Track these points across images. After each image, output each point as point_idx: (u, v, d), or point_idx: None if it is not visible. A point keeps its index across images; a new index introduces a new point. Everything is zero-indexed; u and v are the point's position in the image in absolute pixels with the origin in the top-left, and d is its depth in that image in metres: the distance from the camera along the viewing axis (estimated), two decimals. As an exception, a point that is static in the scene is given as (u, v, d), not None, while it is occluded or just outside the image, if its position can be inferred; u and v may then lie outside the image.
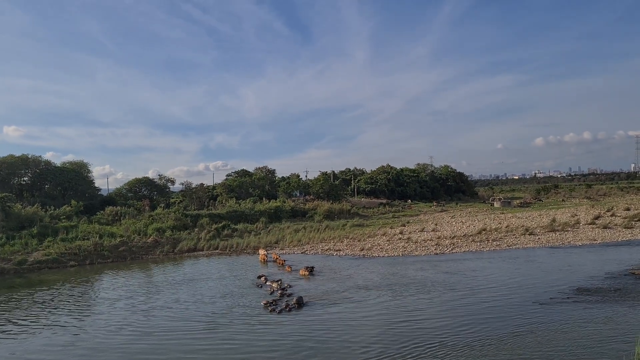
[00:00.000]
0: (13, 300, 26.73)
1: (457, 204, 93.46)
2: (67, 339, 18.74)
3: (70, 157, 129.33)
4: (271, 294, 24.65)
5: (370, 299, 23.17)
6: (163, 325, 20.14)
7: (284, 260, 35.19)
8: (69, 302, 25.54)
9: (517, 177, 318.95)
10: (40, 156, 69.33)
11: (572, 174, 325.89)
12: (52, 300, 25.95)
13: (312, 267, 30.77)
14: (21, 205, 52.36)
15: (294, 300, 21.92)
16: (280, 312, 20.79)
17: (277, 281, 27.00)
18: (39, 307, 24.54)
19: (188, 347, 16.88)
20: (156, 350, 16.80)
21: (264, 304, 22.32)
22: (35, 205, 52.51)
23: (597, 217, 54.32)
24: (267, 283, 27.34)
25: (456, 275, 28.39)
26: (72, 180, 68.58)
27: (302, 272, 29.99)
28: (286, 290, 25.23)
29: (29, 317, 22.54)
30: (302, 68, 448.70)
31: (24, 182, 68.46)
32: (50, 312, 23.42)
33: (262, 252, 38.92)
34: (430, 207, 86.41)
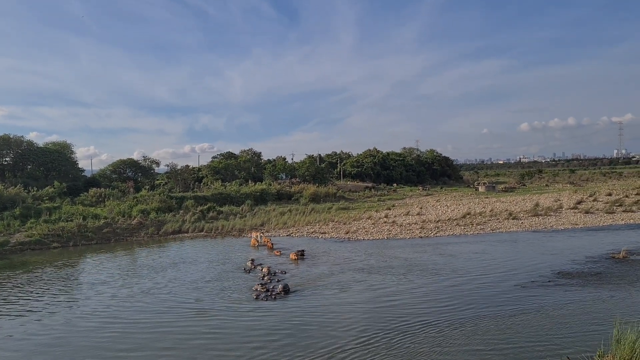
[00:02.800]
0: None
1: (441, 188, 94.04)
2: (45, 324, 18.45)
3: (54, 138, 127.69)
4: (262, 279, 24.17)
5: (356, 283, 23.27)
6: (147, 310, 19.80)
7: (273, 244, 34.87)
8: (50, 285, 25.21)
9: (502, 162, 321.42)
10: (22, 136, 68.24)
11: (556, 159, 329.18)
12: (33, 283, 25.62)
13: (303, 251, 30.58)
14: (3, 185, 51.58)
15: (280, 287, 21.57)
16: (266, 299, 20.49)
17: (267, 266, 26.59)
18: (19, 290, 24.27)
19: (172, 334, 16.59)
20: (137, 339, 16.54)
21: (255, 289, 21.99)
22: (17, 186, 51.74)
23: (579, 202, 55.03)
24: (257, 268, 26.92)
25: (440, 258, 28.64)
26: (55, 161, 67.63)
27: (292, 256, 29.71)
28: (275, 275, 24.98)
29: (6, 301, 22.27)
30: (289, 51, 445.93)
31: (5, 163, 67.34)
32: (29, 295, 23.09)
33: (254, 234, 38.41)
34: (416, 190, 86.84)
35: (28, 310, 20.23)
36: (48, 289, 24.21)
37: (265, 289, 21.67)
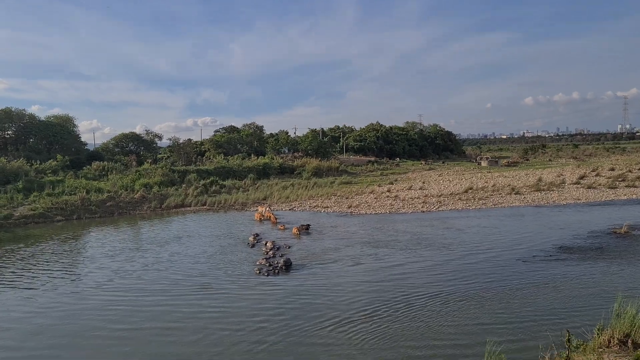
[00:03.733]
0: None
1: (443, 162, 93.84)
2: (48, 298, 18.45)
3: (56, 111, 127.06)
4: (266, 253, 23.91)
5: (361, 257, 23.34)
6: (150, 286, 19.68)
7: (277, 218, 34.76)
8: (54, 259, 25.33)
9: (505, 137, 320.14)
10: (24, 109, 67.98)
11: (560, 134, 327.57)
12: (37, 257, 25.76)
13: (308, 225, 30.45)
14: (5, 159, 51.65)
15: (282, 262, 21.44)
16: (267, 274, 20.29)
17: (271, 241, 26.35)
18: (24, 263, 24.44)
19: (175, 311, 16.43)
20: (140, 316, 16.40)
21: (258, 264, 21.89)
22: (20, 160, 51.81)
23: (582, 177, 54.91)
24: (261, 242, 26.74)
25: (442, 233, 28.72)
26: (58, 135, 67.49)
27: (294, 230, 29.53)
28: (279, 250, 24.77)
29: (11, 275, 22.40)
30: (291, 23, 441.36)
31: (7, 136, 67.25)
32: (33, 269, 23.18)
33: (260, 209, 38.08)
34: (419, 165, 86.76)
35: (32, 285, 20.30)
36: (52, 262, 24.35)
37: (268, 264, 21.56)
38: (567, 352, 8.62)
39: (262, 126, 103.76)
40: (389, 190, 49.50)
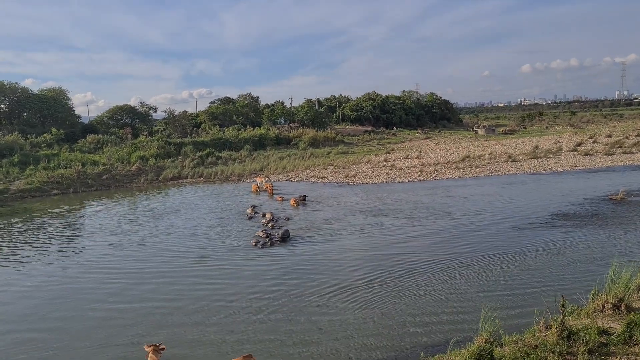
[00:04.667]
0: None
1: (440, 131, 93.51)
2: (47, 273, 18.42)
3: (50, 84, 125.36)
4: (265, 225, 23.73)
5: (358, 227, 23.46)
6: (148, 259, 19.59)
7: (274, 190, 34.61)
8: (51, 232, 25.35)
9: (502, 105, 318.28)
10: (17, 83, 67.14)
11: (557, 101, 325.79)
12: (35, 230, 25.79)
13: (305, 196, 30.28)
14: (0, 133, 51.26)
15: (279, 233, 21.33)
16: (262, 246, 20.10)
17: (270, 212, 26.07)
18: (23, 237, 24.48)
19: (174, 284, 16.34)
20: (139, 289, 16.27)
21: (257, 236, 21.74)
22: (14, 134, 51.41)
23: (579, 144, 54.89)
24: (259, 214, 26.51)
25: (439, 201, 28.79)
26: (52, 108, 66.80)
27: (291, 202, 29.42)
28: (278, 221, 24.49)
29: (9, 249, 22.42)
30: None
31: (1, 110, 66.61)
32: (31, 243, 23.18)
33: (258, 180, 37.87)
34: (415, 134, 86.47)
35: (30, 260, 20.31)
36: (50, 237, 24.36)
37: (265, 235, 21.42)
38: (561, 317, 8.68)
39: (258, 97, 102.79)
40: (385, 160, 49.44)
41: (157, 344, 8.35)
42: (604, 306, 10.72)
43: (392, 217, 25.06)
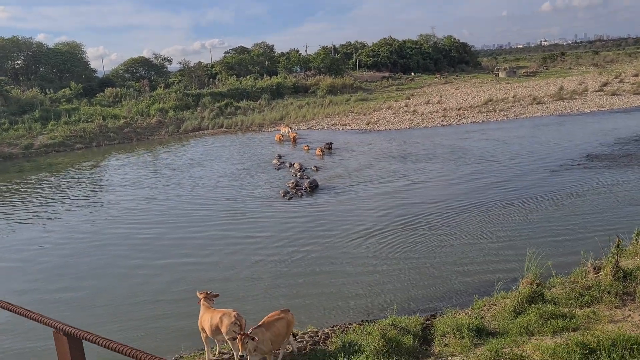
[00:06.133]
0: (18, 185, 27.04)
1: (457, 75, 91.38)
2: (74, 228, 18.42)
3: (62, 39, 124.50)
4: (295, 175, 23.19)
5: (386, 174, 23.17)
6: (177, 212, 19.32)
7: (297, 138, 34.07)
8: (77, 187, 25.69)
9: (521, 46, 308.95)
10: (31, 38, 66.71)
11: (578, 41, 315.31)
12: (60, 186, 25.92)
13: (331, 144, 29.84)
14: (19, 89, 51.29)
15: (307, 183, 20.91)
16: (292, 197, 19.79)
17: (298, 162, 25.48)
18: (46, 193, 24.73)
19: (205, 238, 16.10)
20: (169, 245, 16.03)
21: (287, 185, 21.25)
22: (33, 89, 51.38)
23: (605, 84, 53.23)
24: (286, 164, 26.04)
25: (466, 145, 28.42)
26: (68, 62, 66.44)
27: (318, 151, 28.74)
28: (305, 172, 23.88)
29: (35, 206, 22.73)
30: None
31: (17, 66, 66.42)
32: (57, 199, 23.31)
33: (283, 129, 37.41)
34: (434, 79, 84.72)
35: (57, 216, 20.48)
36: (77, 192, 24.67)
37: (295, 185, 20.94)
38: (616, 257, 8.54)
39: (273, 45, 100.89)
40: (406, 105, 48.62)
41: (209, 292, 8.41)
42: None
43: (420, 162, 24.88)
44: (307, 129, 40.96)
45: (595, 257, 10.07)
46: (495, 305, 9.17)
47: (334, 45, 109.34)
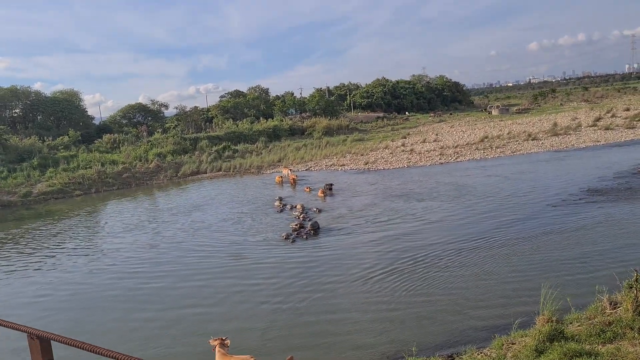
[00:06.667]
0: (11, 234, 26.76)
1: (452, 114, 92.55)
2: (73, 273, 18.26)
3: (59, 87, 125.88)
4: (298, 217, 22.80)
5: (390, 214, 22.93)
6: (178, 260, 18.80)
7: (296, 179, 34.08)
8: (76, 234, 25.30)
9: (511, 84, 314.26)
10: (29, 87, 67.51)
11: (567, 77, 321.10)
12: (60, 234, 25.54)
13: (331, 185, 29.65)
14: (18, 137, 51.51)
15: (309, 225, 20.59)
16: (295, 240, 19.39)
17: (301, 204, 25.23)
18: (48, 240, 24.45)
19: (211, 282, 15.78)
20: (169, 292, 16.01)
21: (291, 227, 20.94)
22: (32, 137, 51.60)
23: (598, 119, 54.05)
24: (287, 206, 25.77)
25: (465, 182, 28.47)
26: (65, 110, 67.05)
27: (320, 193, 28.49)
28: (308, 214, 23.64)
29: (35, 252, 22.46)
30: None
31: (15, 115, 66.94)
32: (57, 245, 23.03)
33: (284, 171, 37.42)
34: (428, 118, 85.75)
35: (57, 262, 20.16)
36: (76, 238, 24.29)
37: (298, 226, 20.66)
38: (635, 292, 8.44)
39: (268, 89, 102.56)
40: (403, 145, 49.03)
41: (223, 338, 8.22)
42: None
43: (425, 200, 24.80)
44: (306, 170, 41.09)
45: (610, 291, 9.98)
46: (514, 344, 8.99)
47: (328, 87, 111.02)
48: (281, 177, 35.89)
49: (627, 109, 62.59)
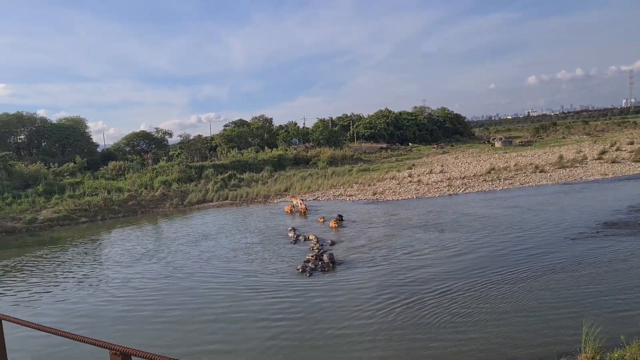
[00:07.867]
0: (18, 261, 26.31)
1: (453, 145, 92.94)
2: (78, 303, 17.93)
3: (62, 114, 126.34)
4: (312, 249, 22.28)
5: (406, 246, 22.56)
6: (189, 292, 18.25)
7: (306, 209, 33.78)
8: (83, 262, 24.79)
9: (510, 117, 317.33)
10: (34, 113, 67.82)
11: (565, 111, 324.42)
12: (66, 262, 25.07)
13: (341, 216, 29.17)
14: (23, 163, 51.39)
15: (326, 258, 19.99)
16: (311, 274, 18.78)
17: (314, 235, 24.82)
18: (58, 267, 24.04)
19: (228, 317, 15.29)
20: (183, 330, 15.70)
21: (307, 259, 20.45)
22: (37, 163, 51.49)
23: (603, 152, 54.12)
24: (300, 237, 25.19)
25: (477, 215, 28.20)
26: (71, 137, 67.28)
27: (332, 223, 28.00)
28: (323, 246, 23.02)
29: (42, 280, 22.07)
30: (289, 14, 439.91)
31: (20, 141, 67.05)
32: (63, 272, 22.69)
33: (294, 201, 37.11)
34: (431, 149, 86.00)
35: (65, 290, 19.82)
36: (82, 266, 23.79)
37: (315, 258, 20.19)
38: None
39: (272, 118, 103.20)
40: (410, 175, 48.94)
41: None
42: None
43: (442, 231, 24.49)
44: (313, 199, 40.82)
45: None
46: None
47: (331, 118, 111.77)
48: (292, 206, 35.46)
49: (632, 142, 62.82)
